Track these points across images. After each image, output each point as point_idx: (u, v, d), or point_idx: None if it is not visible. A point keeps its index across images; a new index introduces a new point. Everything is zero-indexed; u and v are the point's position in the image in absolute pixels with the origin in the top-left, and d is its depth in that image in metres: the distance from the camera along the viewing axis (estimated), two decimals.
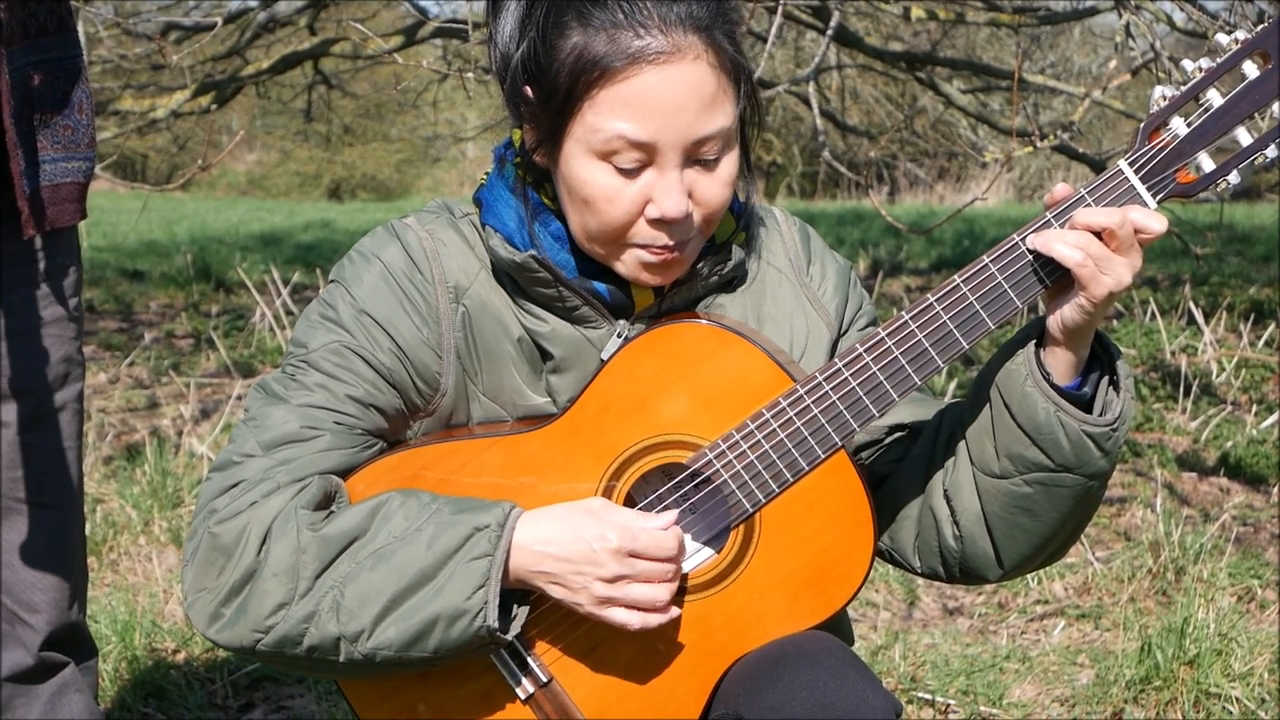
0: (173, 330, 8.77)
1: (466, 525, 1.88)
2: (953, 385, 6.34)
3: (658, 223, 1.89)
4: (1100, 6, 7.90)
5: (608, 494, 1.96)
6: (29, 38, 2.38)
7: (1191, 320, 7.79)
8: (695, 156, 1.88)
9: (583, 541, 1.88)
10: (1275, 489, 5.41)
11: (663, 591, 1.91)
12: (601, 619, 1.92)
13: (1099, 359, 1.96)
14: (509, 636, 1.92)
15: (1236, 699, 3.66)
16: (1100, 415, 1.92)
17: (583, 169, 1.88)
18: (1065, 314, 1.89)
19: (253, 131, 26.95)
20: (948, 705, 3.76)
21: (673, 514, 1.93)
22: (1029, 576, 4.51)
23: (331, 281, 2.03)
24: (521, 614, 1.94)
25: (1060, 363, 1.92)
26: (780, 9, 5.02)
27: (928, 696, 3.78)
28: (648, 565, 1.89)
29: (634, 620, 1.91)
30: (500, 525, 1.88)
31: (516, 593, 1.93)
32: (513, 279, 1.99)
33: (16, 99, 2.35)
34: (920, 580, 4.59)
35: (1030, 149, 5.44)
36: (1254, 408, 6.43)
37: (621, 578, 1.89)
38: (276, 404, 1.97)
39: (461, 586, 1.86)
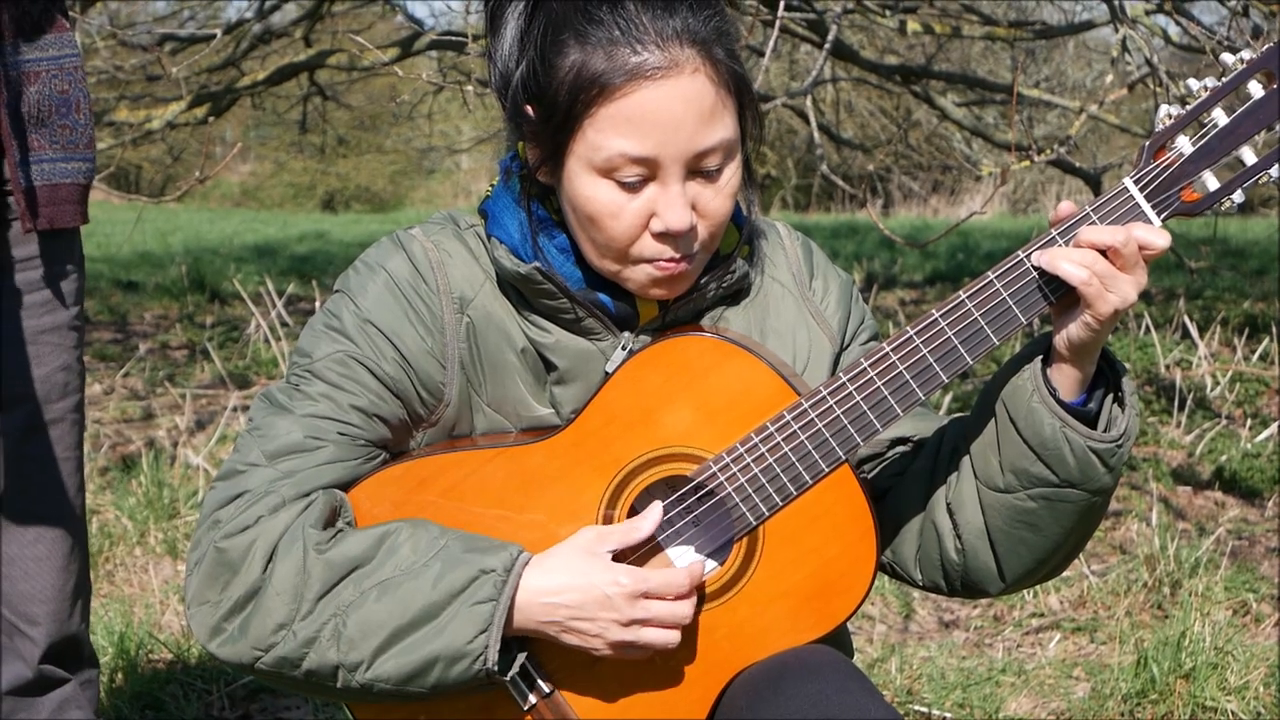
0: (167, 341, 8.77)
1: (473, 566, 1.87)
2: (948, 399, 6.35)
3: (662, 236, 1.90)
4: (1096, 21, 7.93)
5: (613, 503, 1.96)
6: (23, 35, 2.38)
7: (1186, 334, 7.80)
8: (697, 169, 1.89)
9: (596, 588, 1.88)
10: (1270, 502, 5.43)
11: (677, 633, 1.92)
12: (618, 658, 1.93)
13: (1104, 374, 1.97)
14: (507, 678, 1.92)
15: (1232, 713, 3.67)
16: (1105, 431, 1.93)
17: (586, 186, 1.89)
18: (1072, 331, 1.89)
19: (247, 143, 26.93)
20: (944, 718, 3.77)
21: (697, 565, 1.94)
22: (1025, 590, 4.52)
23: (336, 291, 2.03)
24: (520, 658, 1.93)
25: (1067, 379, 1.93)
26: (777, 23, 5.03)
27: (924, 709, 3.79)
28: (662, 606, 1.90)
29: (648, 654, 1.93)
30: (506, 570, 1.87)
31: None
32: (517, 290, 2.00)
33: (11, 94, 2.35)
34: (916, 593, 4.59)
35: (1026, 163, 5.45)
36: (1249, 421, 6.44)
37: (636, 621, 1.89)
38: (281, 414, 1.97)
39: (464, 629, 1.86)
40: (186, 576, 1.95)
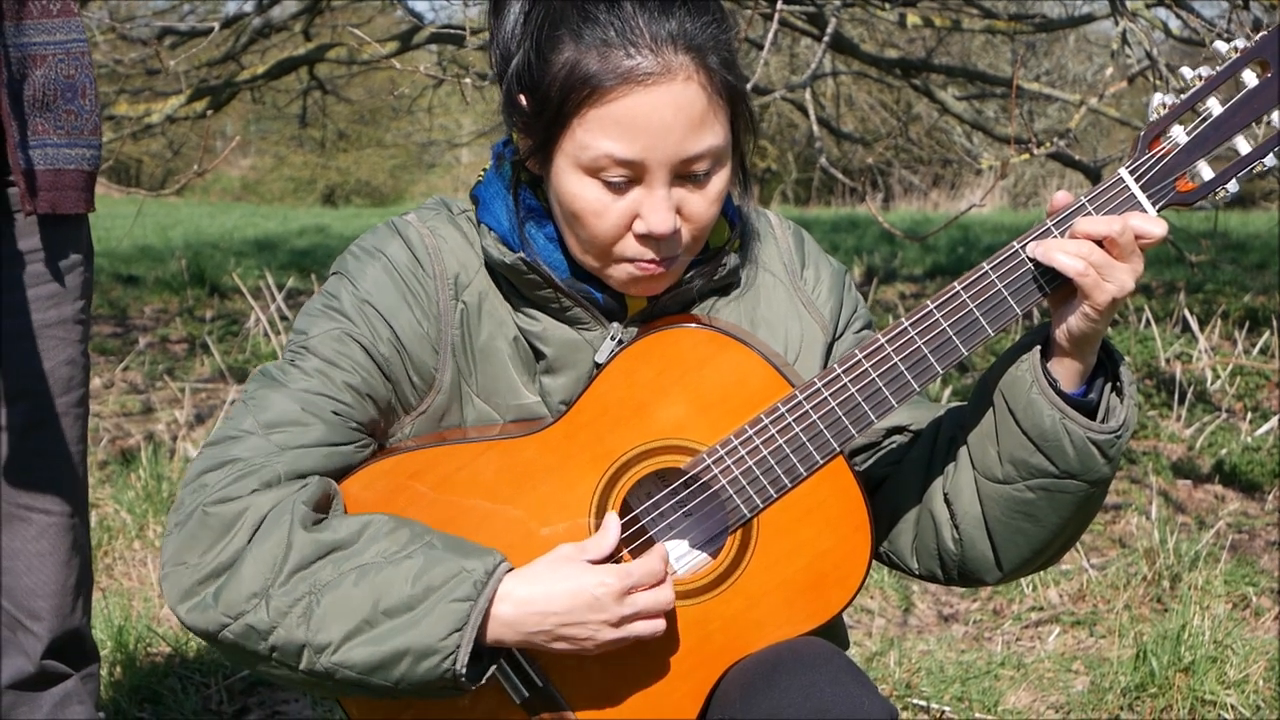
0: (167, 335, 8.76)
1: (454, 564, 1.86)
2: (947, 393, 6.34)
3: (645, 238, 1.89)
4: (1096, 14, 7.93)
5: (606, 496, 1.96)
6: (31, 16, 2.37)
7: (1186, 328, 7.80)
8: (684, 173, 1.88)
9: (585, 590, 1.87)
10: (1270, 496, 5.42)
11: (663, 622, 1.92)
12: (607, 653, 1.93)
13: (1102, 364, 1.96)
14: (473, 687, 1.89)
15: (1232, 706, 3.67)
16: (1104, 422, 1.92)
17: (572, 183, 1.89)
18: (1071, 323, 1.89)
19: (247, 137, 26.93)
20: (943, 712, 3.76)
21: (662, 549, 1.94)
22: (1023, 583, 4.52)
23: (334, 274, 2.03)
24: (490, 669, 1.91)
25: (1067, 370, 1.93)
26: (776, 16, 5.02)
27: (923, 703, 3.79)
28: (648, 598, 1.90)
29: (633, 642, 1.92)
30: (488, 573, 1.85)
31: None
32: (508, 278, 2.00)
33: (15, 76, 2.33)
34: (915, 587, 4.59)
35: (1026, 156, 5.44)
36: (1249, 415, 6.44)
37: (626, 619, 1.89)
38: (276, 389, 1.96)
39: (438, 625, 1.84)
40: (165, 537, 1.92)
